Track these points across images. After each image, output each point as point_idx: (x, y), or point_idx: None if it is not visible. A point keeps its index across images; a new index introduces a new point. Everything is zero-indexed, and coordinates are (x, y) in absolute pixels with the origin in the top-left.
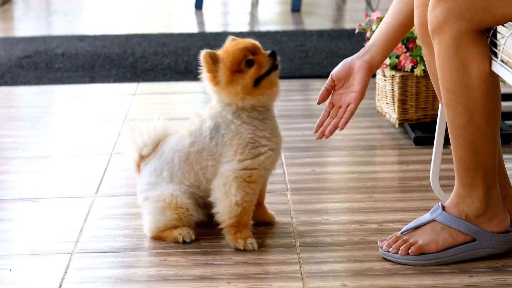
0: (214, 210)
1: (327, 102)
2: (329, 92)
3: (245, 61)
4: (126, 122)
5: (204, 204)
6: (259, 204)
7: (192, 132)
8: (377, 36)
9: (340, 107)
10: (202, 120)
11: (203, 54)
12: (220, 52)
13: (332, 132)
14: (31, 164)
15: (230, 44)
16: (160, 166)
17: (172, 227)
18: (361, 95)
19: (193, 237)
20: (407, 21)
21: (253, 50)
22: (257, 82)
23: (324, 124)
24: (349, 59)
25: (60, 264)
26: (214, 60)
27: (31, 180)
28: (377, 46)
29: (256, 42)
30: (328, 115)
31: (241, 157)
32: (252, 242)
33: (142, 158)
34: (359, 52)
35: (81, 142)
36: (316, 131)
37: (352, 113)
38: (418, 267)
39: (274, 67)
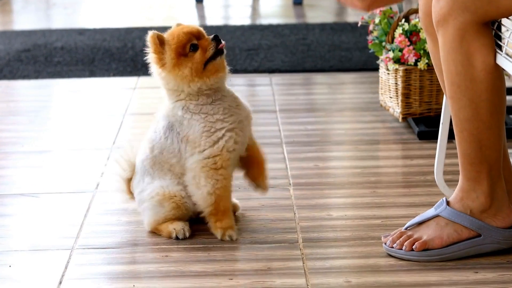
0: (193, 201)
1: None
2: None
3: (189, 44)
4: (126, 117)
5: None
6: (258, 164)
7: (149, 138)
8: None
9: None
10: (157, 121)
11: (150, 34)
12: (166, 35)
13: None
14: (31, 159)
15: (175, 28)
16: (140, 177)
17: (171, 218)
18: None
19: (187, 234)
20: None
21: (197, 35)
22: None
23: None
24: None
25: (60, 260)
26: (161, 42)
27: (30, 175)
28: None
29: (201, 28)
30: None
31: (200, 148)
32: (230, 234)
33: (129, 181)
34: None
35: (81, 137)
36: None
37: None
38: (423, 263)
39: (219, 51)
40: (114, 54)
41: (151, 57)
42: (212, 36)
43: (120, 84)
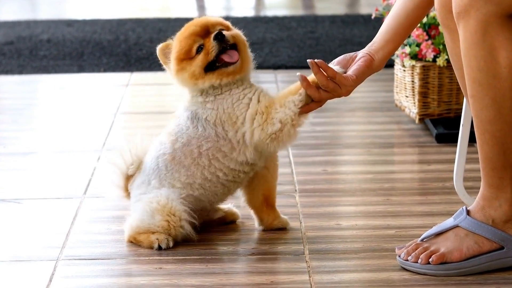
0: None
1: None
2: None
3: (196, 47)
4: (118, 116)
5: (201, 211)
6: (270, 206)
7: (170, 132)
8: (380, 32)
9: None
10: (177, 116)
11: (158, 48)
12: (174, 39)
13: (321, 75)
14: (13, 162)
15: (181, 30)
16: (146, 177)
17: (153, 231)
18: (356, 78)
19: (171, 244)
20: (414, 15)
21: (202, 33)
22: (210, 68)
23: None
24: (354, 52)
25: (44, 272)
26: (168, 53)
27: (13, 179)
28: (380, 42)
29: (210, 20)
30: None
31: (239, 121)
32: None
33: (129, 179)
34: (364, 48)
35: (68, 138)
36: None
37: (340, 84)
38: (440, 277)
39: (232, 63)
40: (105, 47)
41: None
42: (214, 34)
43: (112, 80)
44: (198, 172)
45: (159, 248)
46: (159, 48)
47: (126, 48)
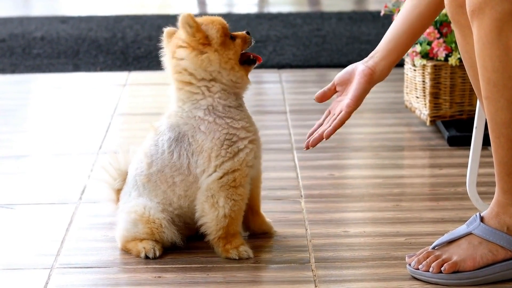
0: (199, 223)
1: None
2: (327, 95)
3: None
4: (115, 117)
5: (185, 225)
6: (256, 213)
7: (147, 152)
8: (383, 41)
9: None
10: (159, 133)
11: (185, 15)
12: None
13: (317, 142)
14: (5, 165)
15: (202, 18)
16: (128, 189)
17: (140, 238)
18: (355, 103)
19: (158, 253)
20: (418, 24)
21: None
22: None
23: (312, 131)
24: (355, 64)
25: (38, 280)
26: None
27: (5, 183)
28: (382, 51)
29: None
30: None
31: (218, 161)
32: (246, 249)
33: (119, 191)
34: (366, 58)
35: (63, 140)
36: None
37: (341, 122)
38: (452, 287)
39: (257, 60)
40: (101, 45)
41: (189, 40)
42: (246, 31)
43: (109, 79)
44: (175, 197)
45: (146, 257)
46: (189, 14)
47: (123, 46)
